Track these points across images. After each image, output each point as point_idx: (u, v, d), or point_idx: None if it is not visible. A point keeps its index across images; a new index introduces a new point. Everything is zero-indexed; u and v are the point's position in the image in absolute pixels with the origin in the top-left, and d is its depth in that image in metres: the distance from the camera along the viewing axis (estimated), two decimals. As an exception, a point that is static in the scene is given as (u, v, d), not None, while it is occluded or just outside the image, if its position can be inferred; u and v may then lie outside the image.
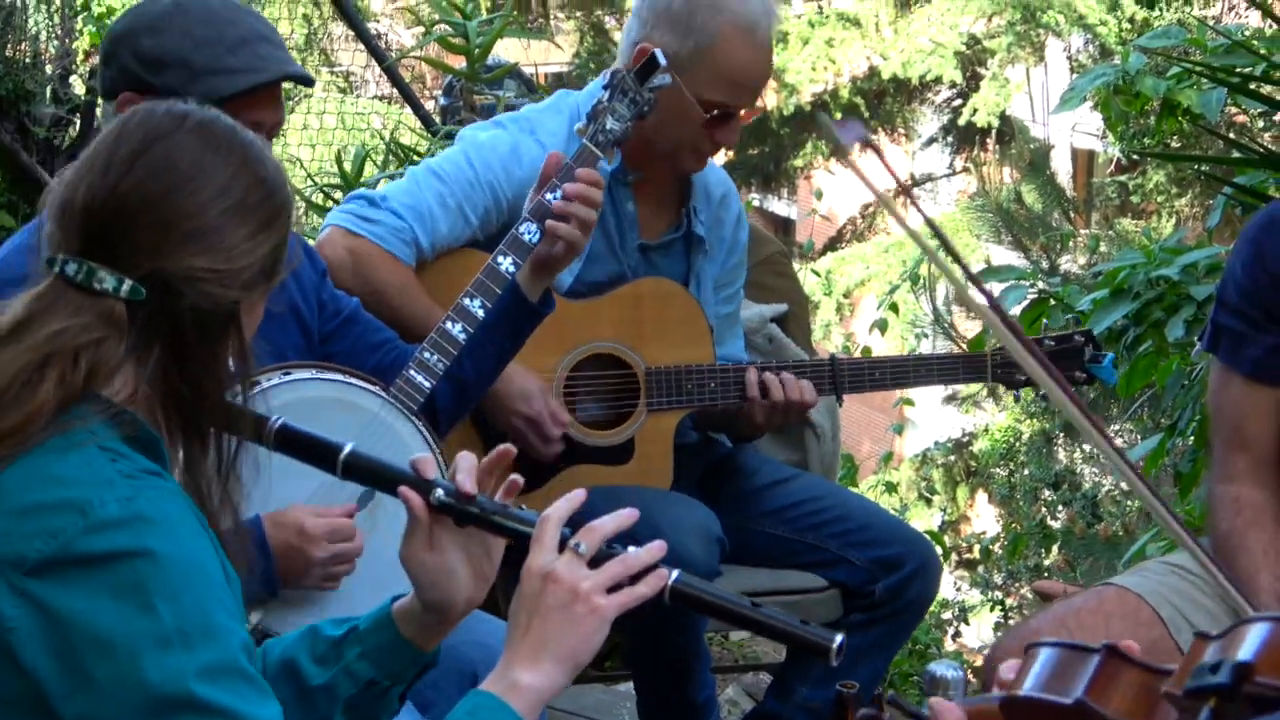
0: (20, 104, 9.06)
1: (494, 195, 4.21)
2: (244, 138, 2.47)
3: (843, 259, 16.89)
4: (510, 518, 2.60)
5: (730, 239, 4.56)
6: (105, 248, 2.33)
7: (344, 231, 4.12)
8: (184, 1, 3.47)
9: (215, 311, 2.38)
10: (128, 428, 2.34)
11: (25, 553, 2.23)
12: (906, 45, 17.09)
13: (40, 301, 2.33)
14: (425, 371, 3.65)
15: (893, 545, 4.43)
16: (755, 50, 4.23)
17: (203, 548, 2.33)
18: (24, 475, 2.27)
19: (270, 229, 2.44)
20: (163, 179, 2.36)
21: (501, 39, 6.29)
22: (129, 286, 2.32)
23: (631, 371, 4.32)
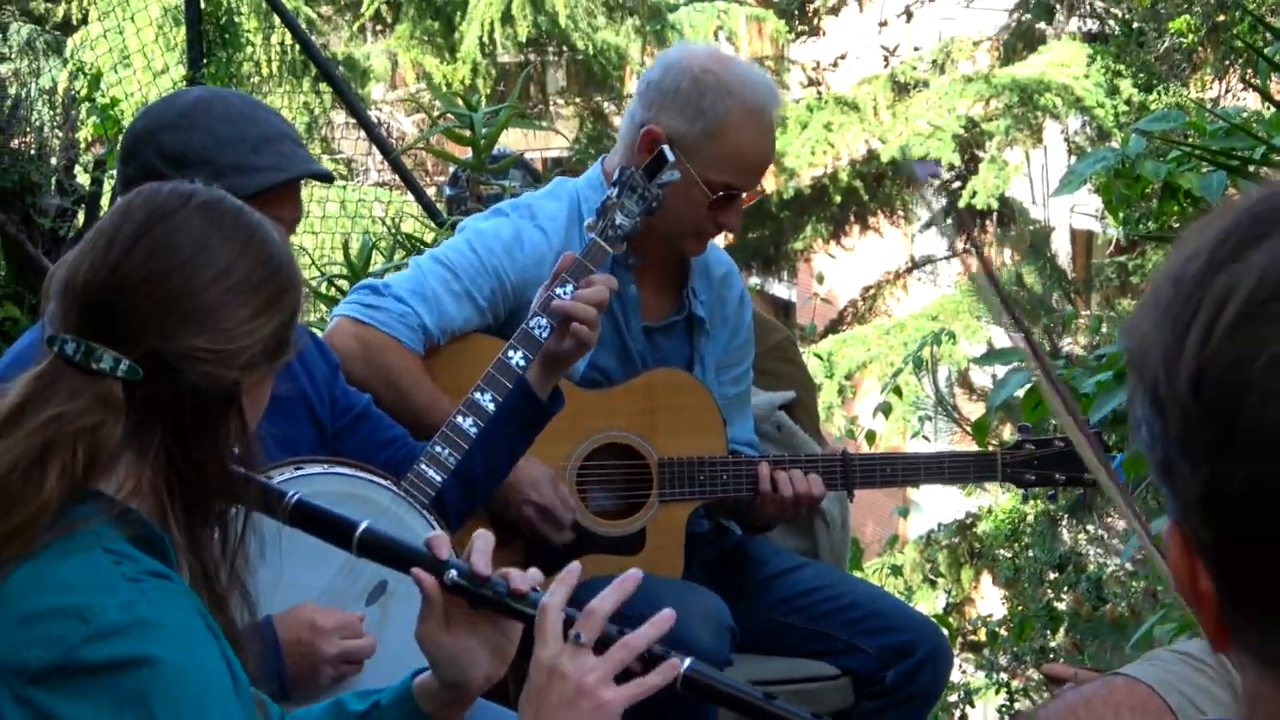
0: (25, 195, 9.09)
1: (499, 280, 4.23)
2: (250, 217, 2.46)
3: (844, 341, 16.92)
4: (525, 602, 2.58)
5: (734, 319, 4.57)
6: (104, 326, 2.32)
7: (351, 320, 4.14)
8: (206, 99, 3.50)
9: (215, 391, 2.35)
10: (132, 528, 2.31)
11: (28, 660, 2.21)
12: (905, 128, 17.17)
13: (39, 382, 2.32)
14: (437, 465, 3.66)
15: (903, 632, 4.43)
16: (762, 133, 4.27)
17: (208, 653, 2.30)
18: (27, 581, 2.25)
19: (274, 309, 2.41)
20: (164, 257, 2.36)
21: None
22: (126, 366, 2.30)
23: (644, 461, 4.33)
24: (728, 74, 4.29)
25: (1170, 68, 14.76)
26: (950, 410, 11.00)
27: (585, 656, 2.45)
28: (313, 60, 11.81)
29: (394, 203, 13.10)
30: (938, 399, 10.94)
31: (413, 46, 18.90)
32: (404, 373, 4.11)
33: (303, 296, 2.53)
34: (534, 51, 19.78)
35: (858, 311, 19.22)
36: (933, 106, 17.14)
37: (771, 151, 4.35)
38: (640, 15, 19.21)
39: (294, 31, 11.55)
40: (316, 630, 3.35)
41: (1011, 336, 2.45)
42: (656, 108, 4.26)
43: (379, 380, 4.06)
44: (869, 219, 18.83)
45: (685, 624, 3.98)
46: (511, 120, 6.13)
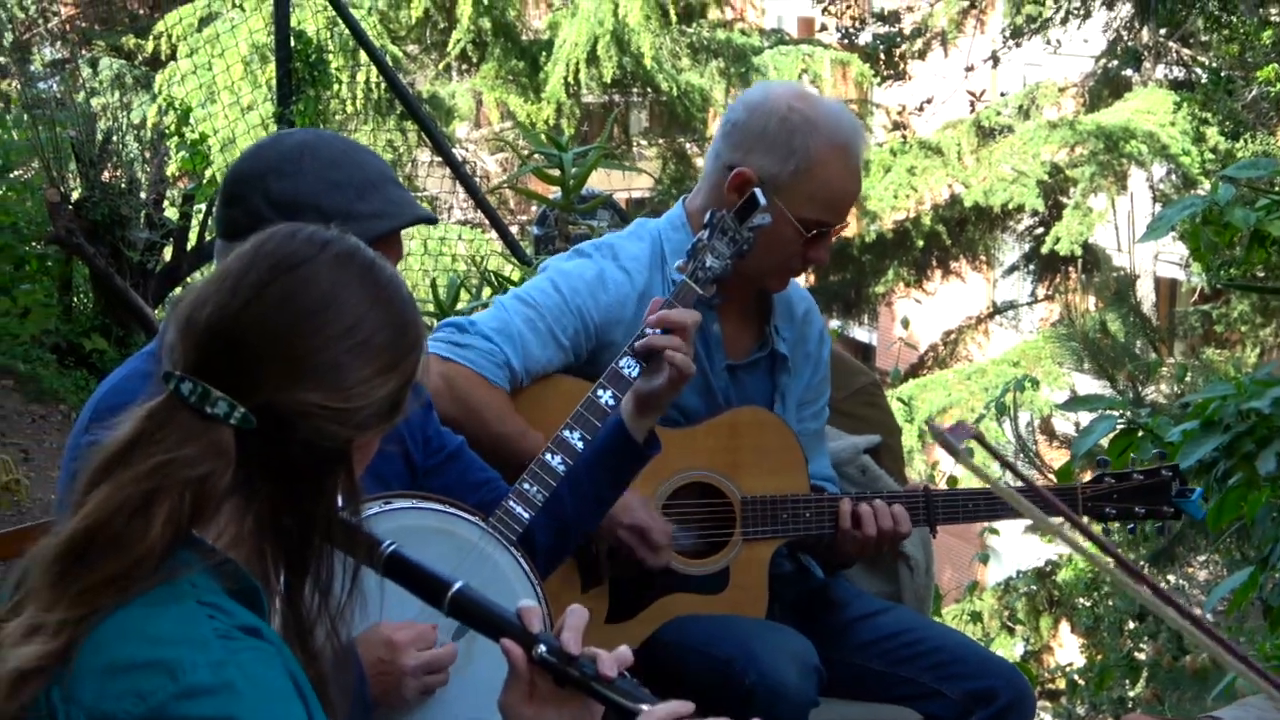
0: (115, 229, 9.20)
1: (582, 320, 4.23)
2: (382, 273, 2.38)
3: (924, 385, 16.88)
4: (609, 688, 2.54)
5: (815, 355, 4.56)
6: (222, 371, 2.27)
7: (437, 358, 4.15)
8: (311, 142, 3.51)
9: (327, 448, 2.30)
10: (229, 580, 2.29)
11: (115, 713, 2.19)
12: (988, 173, 17.15)
13: (152, 420, 2.28)
14: (525, 503, 3.66)
15: (986, 678, 4.39)
16: (851, 168, 4.27)
17: (290, 713, 2.28)
18: (120, 630, 2.24)
19: (395, 370, 2.35)
20: (289, 310, 2.29)
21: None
22: (240, 415, 2.25)
23: (727, 501, 4.32)
24: (814, 111, 4.30)
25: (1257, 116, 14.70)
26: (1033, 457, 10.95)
27: None
28: (400, 98, 11.89)
29: (476, 241, 13.16)
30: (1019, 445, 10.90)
31: (497, 86, 19.00)
32: (491, 408, 4.12)
33: (423, 359, 2.43)
34: (618, 92, 19.87)
35: (938, 356, 19.19)
36: (1017, 152, 17.11)
37: (859, 186, 4.35)
38: (725, 58, 19.27)
39: (381, 69, 11.64)
40: (393, 646, 3.34)
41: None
42: (744, 149, 4.26)
43: (466, 416, 4.06)
44: (951, 263, 18.81)
45: (773, 665, 3.97)
46: (600, 161, 6.15)
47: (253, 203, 3.41)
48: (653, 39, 18.47)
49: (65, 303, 9.48)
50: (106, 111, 12.39)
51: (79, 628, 2.22)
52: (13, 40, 18.18)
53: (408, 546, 3.19)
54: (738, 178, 4.15)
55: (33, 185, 9.73)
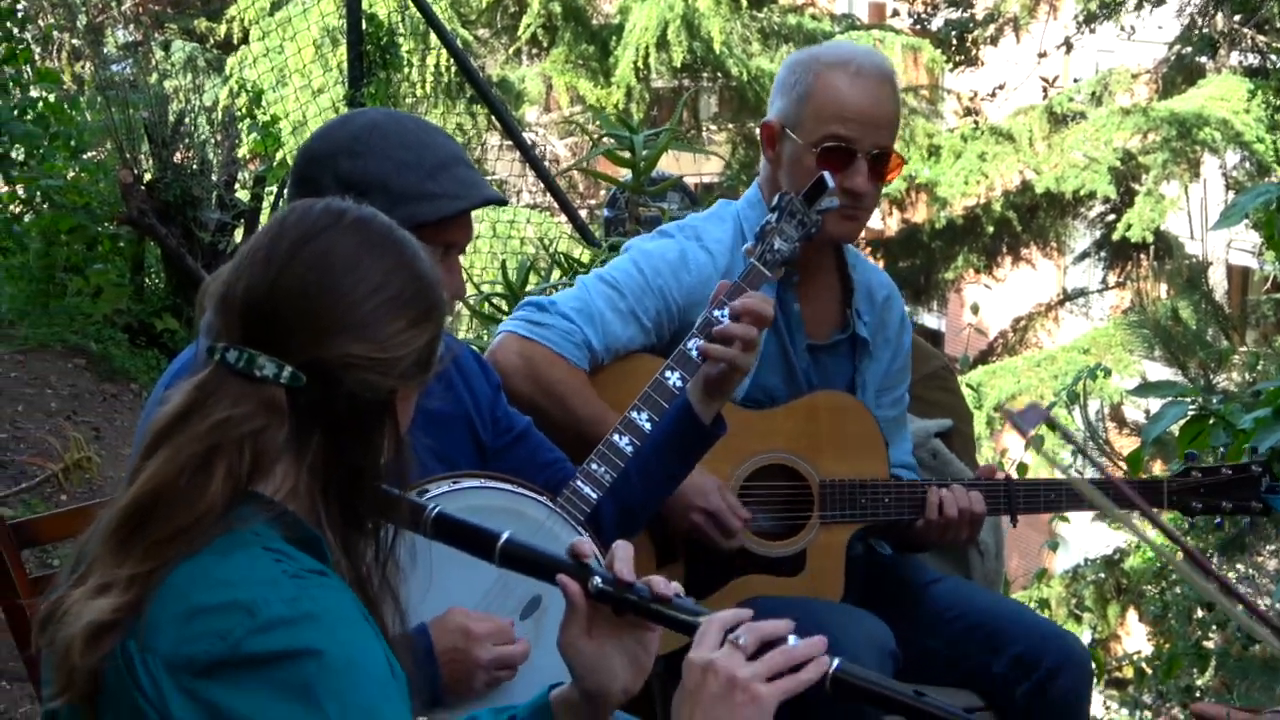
0: (187, 209, 9.25)
1: (665, 300, 4.23)
2: (400, 235, 2.52)
3: (993, 372, 16.80)
4: (668, 607, 2.61)
5: (895, 341, 4.55)
6: (265, 336, 2.37)
7: (516, 337, 4.16)
8: (381, 123, 3.51)
9: (372, 399, 2.41)
10: (290, 529, 2.37)
11: (194, 655, 2.25)
12: (1060, 160, 17.05)
13: (202, 390, 2.37)
14: (593, 483, 3.67)
15: (1023, 642, 4.30)
16: (854, 81, 4.25)
17: (369, 645, 2.34)
18: (190, 578, 2.30)
19: (425, 323, 2.47)
20: (321, 271, 2.41)
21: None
22: (289, 373, 2.36)
23: (805, 483, 4.31)
24: (820, 49, 4.40)
25: (1333, 103, 14.57)
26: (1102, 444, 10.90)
27: (740, 656, 2.47)
28: (470, 82, 11.91)
29: (545, 224, 13.17)
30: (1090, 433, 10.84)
31: (567, 70, 18.99)
32: (569, 388, 4.12)
33: (447, 315, 2.58)
34: (688, 77, 19.82)
35: (1008, 343, 19.10)
36: (1089, 138, 17.01)
37: (875, 102, 4.27)
38: (795, 43, 19.20)
39: (452, 53, 11.65)
40: (470, 636, 3.35)
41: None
42: (770, 105, 4.35)
43: (543, 395, 4.08)
44: (1021, 250, 18.72)
45: (850, 649, 3.95)
46: (671, 143, 6.14)
47: (323, 183, 3.42)
48: (723, 24, 18.43)
49: (137, 283, 9.53)
50: (179, 93, 12.45)
51: (149, 580, 2.30)
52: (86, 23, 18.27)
53: (477, 525, 3.20)
54: (764, 130, 4.27)
55: (106, 166, 9.78)
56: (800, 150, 4.24)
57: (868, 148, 4.24)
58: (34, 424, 7.98)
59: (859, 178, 4.22)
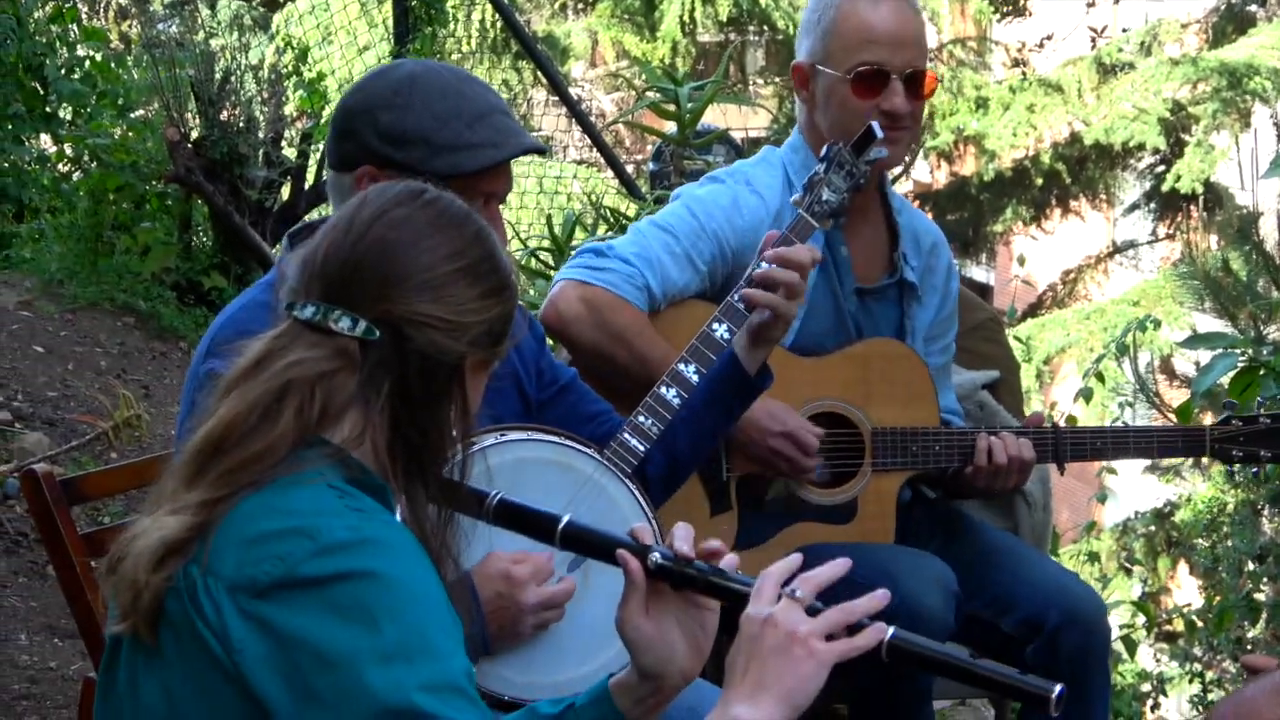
0: (234, 167, 9.25)
1: (719, 244, 4.24)
2: (476, 220, 2.59)
3: (1042, 325, 16.73)
4: (728, 579, 2.62)
5: (942, 288, 4.53)
6: (342, 294, 2.46)
7: (576, 283, 4.15)
8: (418, 74, 3.50)
9: (442, 360, 2.48)
10: (354, 471, 2.44)
11: (256, 576, 2.31)
12: (1109, 111, 16.95)
13: (279, 340, 2.46)
14: (640, 435, 3.66)
15: (1027, 604, 4.26)
16: (874, 4, 4.26)
17: (428, 574, 2.39)
18: (255, 508, 2.37)
19: (498, 297, 2.54)
20: (399, 235, 2.49)
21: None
22: (364, 326, 2.44)
23: (857, 431, 4.31)
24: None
25: (1385, 52, 14.43)
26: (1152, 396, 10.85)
27: (799, 610, 2.47)
28: (516, 37, 11.90)
29: (591, 180, 13.17)
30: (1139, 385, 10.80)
31: (613, 25, 18.97)
32: (635, 330, 4.12)
33: (517, 299, 2.63)
34: (734, 31, 19.77)
35: (1057, 295, 19.02)
36: (1138, 89, 16.91)
37: (901, 22, 4.26)
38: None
39: (498, 8, 11.63)
40: (512, 581, 3.35)
41: None
42: (798, 49, 4.36)
43: (609, 339, 4.08)
44: (1070, 202, 18.62)
45: (916, 588, 3.95)
46: (716, 96, 6.12)
47: (363, 136, 3.42)
48: (770, -25, 18.37)
49: (185, 241, 9.55)
50: (225, 51, 12.46)
51: (218, 506, 2.37)
52: (133, -19, 18.30)
53: (525, 478, 3.21)
54: (795, 73, 4.30)
55: (153, 124, 9.79)
56: (834, 82, 4.24)
57: (900, 67, 4.23)
58: (84, 382, 8.02)
59: (896, 98, 4.22)
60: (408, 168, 3.29)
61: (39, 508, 3.77)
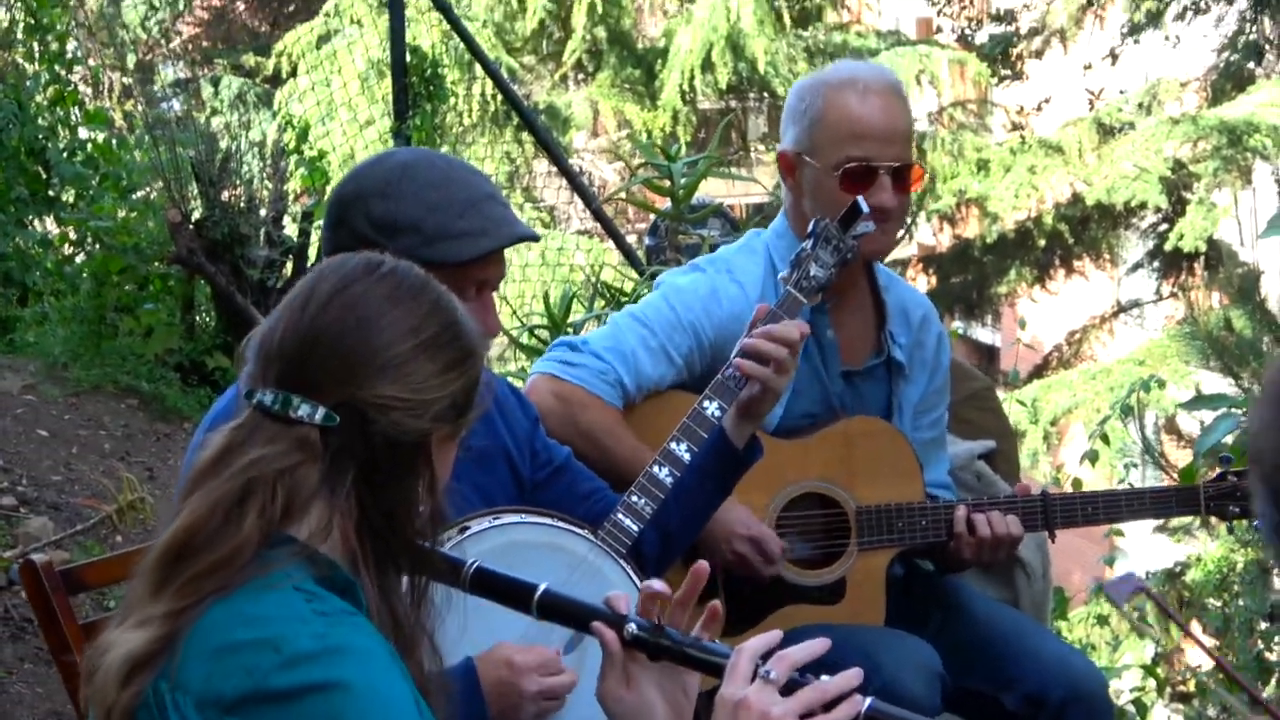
0: (235, 247, 9.28)
1: (696, 335, 4.24)
2: (436, 288, 2.57)
3: (1048, 386, 16.69)
4: (703, 650, 2.63)
5: (932, 361, 4.53)
6: (301, 379, 2.43)
7: (549, 377, 4.18)
8: (411, 163, 3.53)
9: (406, 440, 2.45)
10: (323, 569, 2.41)
11: (224, 690, 2.29)
12: (1110, 171, 16.96)
13: (239, 432, 2.43)
14: (633, 515, 3.67)
15: (1031, 679, 4.25)
16: (863, 98, 4.25)
17: (396, 682, 2.36)
18: (222, 617, 2.34)
19: (459, 369, 2.52)
20: (357, 314, 2.47)
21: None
22: (323, 413, 2.41)
23: (842, 510, 4.31)
24: (824, 72, 4.42)
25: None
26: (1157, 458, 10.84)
27: (772, 692, 2.48)
28: (516, 110, 11.94)
29: (594, 251, 13.20)
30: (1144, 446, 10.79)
31: (613, 94, 19.02)
32: (603, 428, 4.13)
33: (483, 367, 2.61)
34: (734, 98, 19.83)
35: (1063, 356, 19.00)
36: (1139, 148, 16.92)
37: (887, 116, 4.26)
38: (841, 60, 19.16)
39: (497, 82, 11.69)
40: (515, 668, 3.36)
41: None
42: (783, 135, 4.36)
43: (578, 436, 4.08)
44: (1074, 262, 18.61)
45: (897, 674, 3.95)
46: (709, 171, 6.14)
47: (356, 224, 3.44)
48: (768, 44, 18.42)
49: (188, 322, 9.57)
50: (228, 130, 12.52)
51: (183, 617, 2.34)
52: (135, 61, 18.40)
53: (519, 561, 3.22)
54: (781, 160, 4.29)
55: (155, 206, 9.83)
56: (820, 174, 4.24)
57: (887, 162, 4.23)
58: (88, 466, 8.02)
59: (884, 194, 4.21)
60: (398, 255, 3.31)
61: (39, 598, 3.77)
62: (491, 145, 17.30)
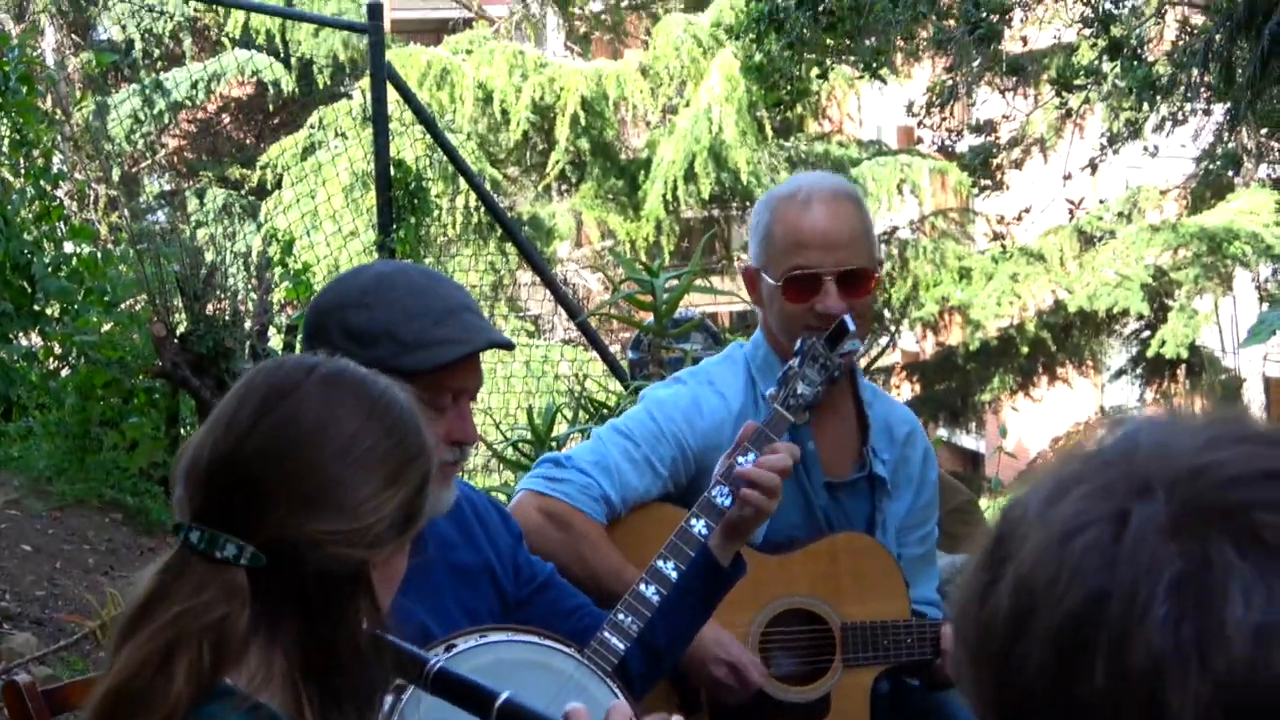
0: (220, 361, 9.29)
1: (679, 447, 4.25)
2: (374, 387, 2.41)
3: (1033, 494, 16.72)
4: None
5: (918, 478, 4.53)
6: (227, 512, 2.27)
7: (534, 494, 4.18)
8: (388, 275, 3.56)
9: (342, 573, 2.29)
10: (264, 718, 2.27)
11: None
12: (1092, 279, 17.08)
13: (168, 573, 2.28)
14: (619, 633, 3.67)
15: None
16: (804, 207, 4.25)
17: None
18: None
19: (400, 481, 2.35)
20: (284, 438, 2.30)
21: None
22: (249, 555, 2.25)
23: (827, 627, 4.31)
24: (776, 188, 4.43)
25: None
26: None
27: None
28: (498, 222, 12.00)
29: (579, 361, 13.23)
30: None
31: (597, 205, 19.16)
32: (589, 543, 4.14)
33: (433, 463, 2.43)
34: (717, 207, 19.96)
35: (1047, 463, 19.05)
36: (1120, 256, 17.04)
37: (830, 224, 4.22)
38: (823, 169, 19.31)
39: (480, 195, 11.75)
40: None
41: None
42: (748, 252, 4.39)
43: (565, 551, 4.08)
44: (1057, 369, 18.72)
45: None
46: (691, 287, 6.17)
47: (332, 335, 3.46)
48: (750, 154, 18.57)
49: (172, 435, 9.56)
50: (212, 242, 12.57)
51: None
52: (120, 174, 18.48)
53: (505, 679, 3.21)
54: (745, 277, 4.31)
55: (139, 319, 9.85)
56: (773, 290, 4.25)
57: (833, 268, 4.21)
58: (71, 580, 8.00)
59: (829, 299, 4.18)
60: (374, 365, 3.33)
61: (21, 718, 3.76)
62: (476, 256, 17.37)
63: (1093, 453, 1.32)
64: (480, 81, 19.16)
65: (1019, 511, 1.32)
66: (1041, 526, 1.28)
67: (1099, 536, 1.25)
